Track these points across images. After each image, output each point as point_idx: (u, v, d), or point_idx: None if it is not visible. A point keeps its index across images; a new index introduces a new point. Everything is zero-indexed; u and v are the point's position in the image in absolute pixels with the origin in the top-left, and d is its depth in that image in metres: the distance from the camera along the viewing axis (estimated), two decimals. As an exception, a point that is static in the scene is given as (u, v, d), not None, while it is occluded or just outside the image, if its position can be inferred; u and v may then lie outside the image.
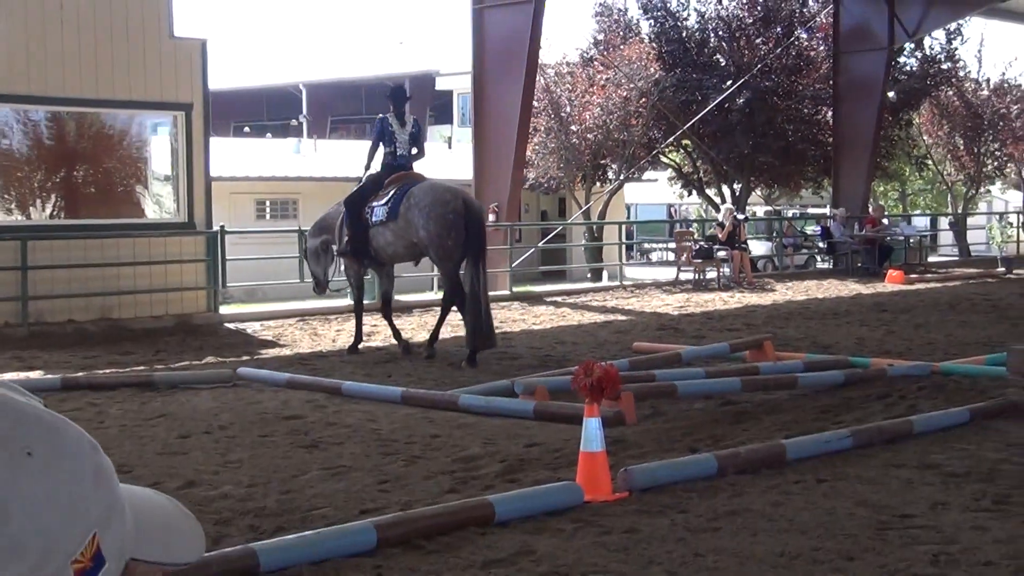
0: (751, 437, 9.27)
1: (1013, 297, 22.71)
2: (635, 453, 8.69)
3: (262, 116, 61.30)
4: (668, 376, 11.48)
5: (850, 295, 24.15)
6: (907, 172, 49.12)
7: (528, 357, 14.66)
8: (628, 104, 34.41)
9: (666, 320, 19.41)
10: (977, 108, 44.19)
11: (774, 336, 15.27)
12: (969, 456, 8.45)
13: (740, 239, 28.18)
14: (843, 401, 10.97)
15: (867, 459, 8.37)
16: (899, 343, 15.73)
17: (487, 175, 25.46)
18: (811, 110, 38.60)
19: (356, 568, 6.01)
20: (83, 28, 17.39)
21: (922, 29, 35.16)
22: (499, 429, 9.67)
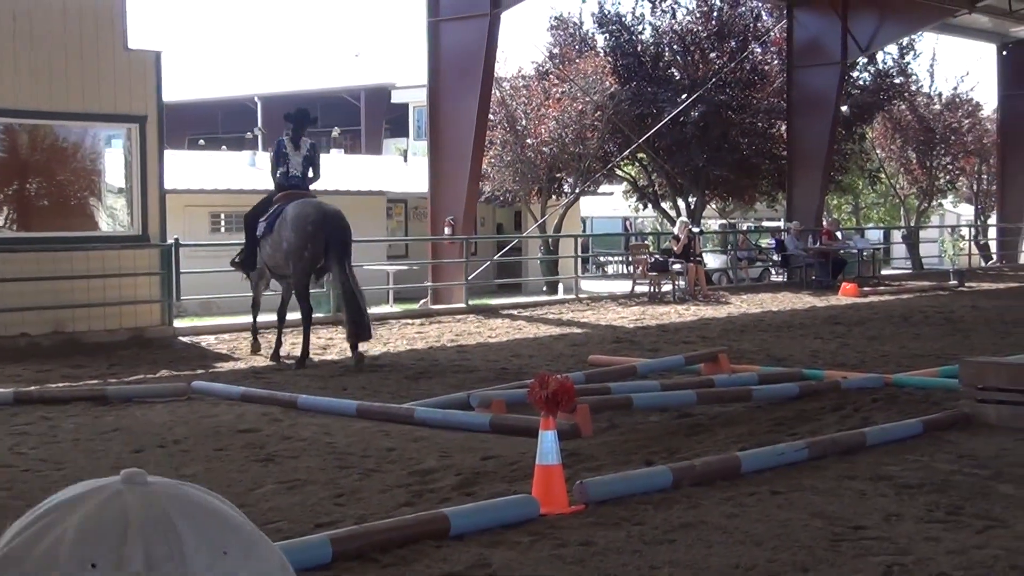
0: (706, 449, 9.30)
1: (965, 310, 22.89)
2: (591, 466, 8.70)
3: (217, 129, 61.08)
4: (624, 389, 11.51)
5: (804, 308, 24.27)
6: (860, 185, 49.44)
7: (484, 370, 14.66)
8: (583, 117, 34.48)
9: (622, 333, 19.45)
10: (929, 122, 44.58)
11: (729, 349, 15.35)
12: (922, 467, 8.51)
13: (695, 252, 28.29)
14: (797, 413, 11.02)
15: (821, 471, 8.41)
16: (853, 355, 15.83)
17: (443, 188, 25.45)
18: (765, 124, 38.80)
19: (311, 582, 5.99)
20: (36, 40, 17.27)
21: (875, 44, 35.41)
22: (455, 442, 9.66)
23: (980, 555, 6.27)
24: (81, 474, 8.56)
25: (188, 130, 58.52)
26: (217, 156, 45.52)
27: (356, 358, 15.08)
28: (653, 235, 40.56)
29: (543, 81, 36.16)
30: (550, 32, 39.00)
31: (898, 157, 46.02)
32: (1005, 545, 6.44)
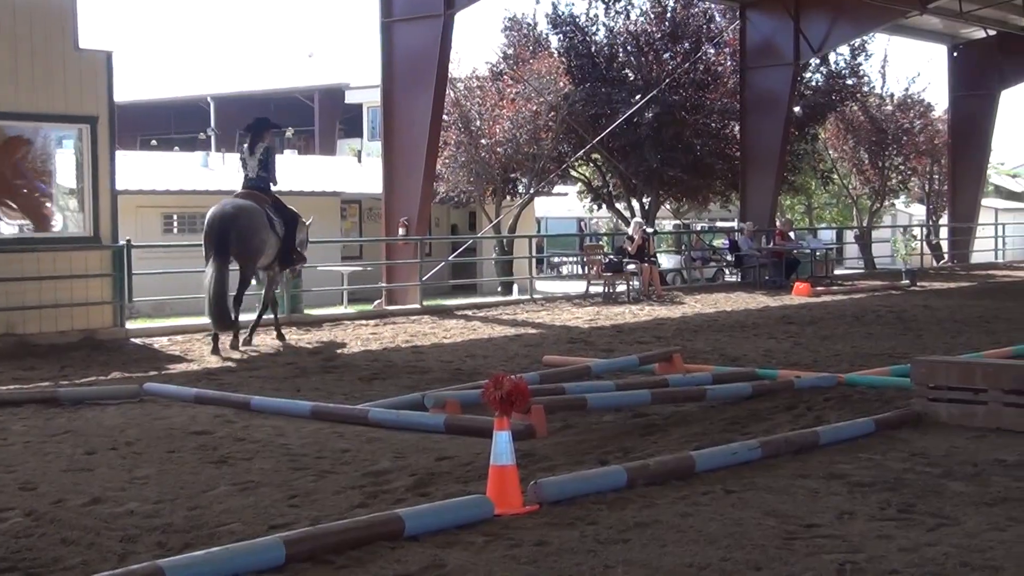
0: (660, 449, 9.33)
1: (917, 309, 23.05)
2: (545, 466, 8.71)
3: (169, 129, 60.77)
4: (578, 389, 11.52)
5: (758, 308, 24.38)
6: (813, 186, 49.71)
7: (439, 371, 14.64)
8: (538, 118, 34.54)
9: (576, 333, 19.48)
10: (881, 123, 44.91)
11: (683, 349, 15.39)
12: (874, 466, 8.56)
13: (649, 252, 28.37)
14: (751, 413, 11.07)
15: (775, 470, 8.45)
16: (806, 355, 15.91)
17: (397, 189, 25.42)
18: (719, 124, 38.96)
19: (265, 584, 5.96)
20: (-14, 40, 17.12)
21: (827, 45, 35.61)
22: (409, 443, 9.64)
23: (932, 552, 6.31)
24: (32, 476, 8.50)
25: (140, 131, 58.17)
26: (169, 157, 45.28)
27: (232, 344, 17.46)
28: (607, 236, 40.63)
29: (497, 82, 36.21)
30: (504, 33, 39.09)
31: (850, 157, 46.31)
32: (956, 543, 6.49)
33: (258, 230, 17.46)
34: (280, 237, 17.94)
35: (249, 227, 17.32)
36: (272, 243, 17.79)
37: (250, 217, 17.39)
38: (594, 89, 36.87)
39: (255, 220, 17.45)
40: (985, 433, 9.81)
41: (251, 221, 17.37)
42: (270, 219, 17.72)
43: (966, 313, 21.86)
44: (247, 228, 17.28)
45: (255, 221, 17.44)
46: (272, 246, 17.82)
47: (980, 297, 26.49)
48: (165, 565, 5.84)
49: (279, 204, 18.34)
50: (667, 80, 36.32)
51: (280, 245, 18.00)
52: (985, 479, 8.09)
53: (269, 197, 18.13)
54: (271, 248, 17.83)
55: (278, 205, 18.28)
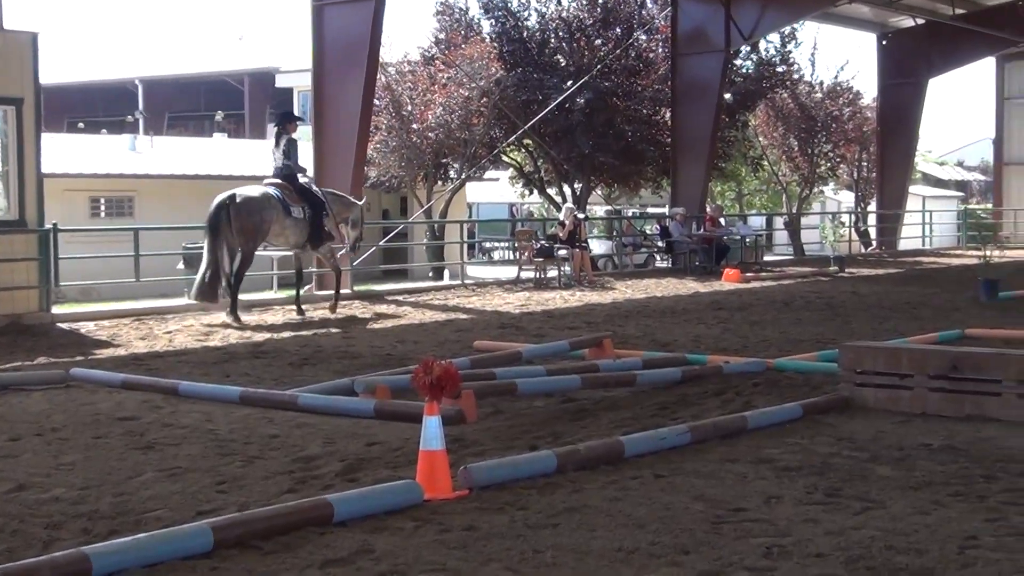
0: (590, 434, 9.36)
1: (845, 295, 23.26)
2: (475, 451, 8.72)
3: (97, 112, 60.13)
4: (509, 374, 11.53)
5: (688, 293, 24.51)
6: (743, 173, 49.98)
7: (369, 356, 14.61)
8: (469, 103, 34.47)
9: (507, 319, 19.50)
10: (811, 110, 45.20)
11: (614, 334, 15.45)
12: (802, 450, 8.64)
13: (581, 238, 28.43)
14: (680, 398, 11.13)
15: (703, 454, 8.51)
16: (735, 340, 16.01)
17: (328, 173, 25.28)
18: (650, 111, 39.03)
19: (191, 571, 5.92)
20: (-92, 19, 16.87)
21: (757, 32, 35.76)
22: (339, 428, 9.62)
23: (857, 536, 6.37)
24: (-45, 463, 8.39)
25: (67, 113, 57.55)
26: (97, 139, 44.82)
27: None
28: (539, 221, 40.67)
29: (429, 67, 36.11)
30: (436, 17, 38.94)
31: (780, 144, 46.58)
32: (882, 526, 6.56)
33: (255, 212, 18.87)
34: (304, 219, 19.60)
35: (244, 209, 18.75)
36: (288, 225, 19.37)
37: (247, 200, 18.89)
38: (526, 75, 36.87)
39: (252, 203, 18.90)
40: (911, 418, 9.93)
41: (247, 204, 18.84)
42: (284, 204, 19.27)
43: (893, 299, 22.09)
44: (241, 210, 18.72)
45: (252, 204, 18.90)
46: (289, 227, 19.42)
47: (907, 283, 26.78)
48: (91, 552, 5.79)
49: (305, 190, 19.95)
50: (599, 66, 36.36)
51: (308, 227, 19.68)
52: (910, 463, 8.18)
53: (292, 184, 19.67)
54: (287, 229, 19.44)
55: (304, 191, 19.90)
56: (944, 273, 31.00)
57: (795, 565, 5.91)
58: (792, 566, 5.89)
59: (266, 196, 19.22)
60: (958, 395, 10.04)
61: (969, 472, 7.90)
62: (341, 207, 20.81)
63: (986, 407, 9.88)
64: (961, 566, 5.85)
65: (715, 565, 5.92)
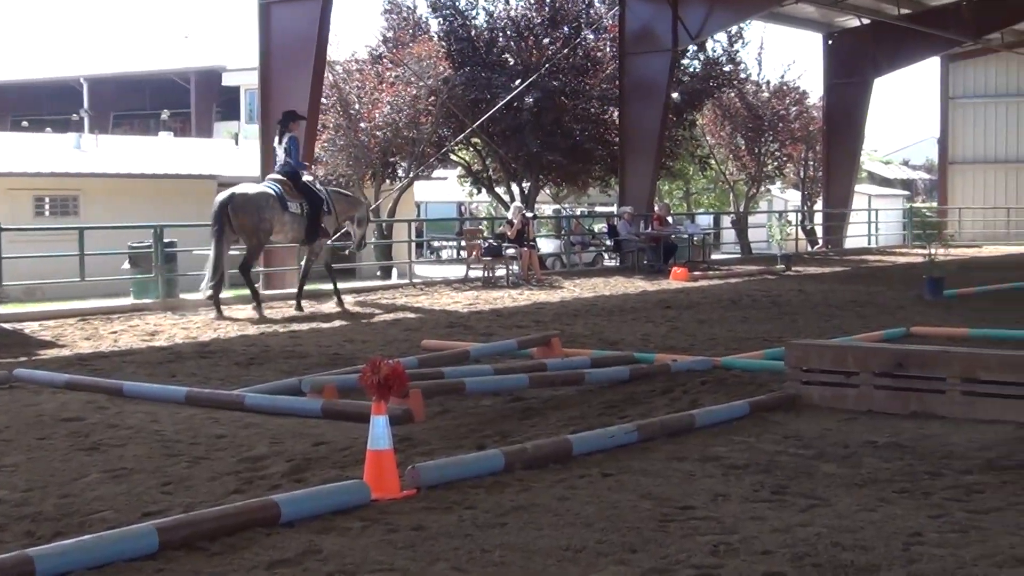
0: (538, 433, 9.37)
1: (791, 294, 23.39)
2: (423, 450, 8.71)
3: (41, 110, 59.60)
4: (457, 373, 11.52)
5: (636, 292, 24.57)
6: (691, 171, 50.17)
7: (316, 355, 14.56)
8: (417, 102, 34.40)
9: (455, 318, 19.48)
10: (757, 109, 45.40)
11: (562, 333, 15.46)
12: (749, 448, 8.68)
13: (529, 237, 28.45)
14: (628, 396, 11.16)
15: (651, 453, 8.53)
16: (683, 339, 16.06)
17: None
18: (598, 110, 39.10)
19: (137, 572, 5.88)
20: None
21: (704, 32, 35.90)
22: (286, 428, 9.58)
23: (804, 533, 6.41)
24: None
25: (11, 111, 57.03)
26: (41, 138, 44.43)
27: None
28: (487, 220, 40.65)
29: (376, 65, 36.00)
30: (384, 16, 38.85)
31: (727, 144, 46.79)
32: (827, 523, 6.60)
33: (252, 210, 19.70)
34: (302, 215, 20.30)
35: (241, 207, 19.66)
36: (286, 220, 20.11)
37: (244, 199, 19.79)
38: (474, 74, 36.85)
39: (249, 201, 19.77)
40: (856, 415, 10.00)
41: (244, 202, 19.74)
42: (281, 200, 19.96)
43: (839, 297, 22.23)
44: (238, 208, 19.65)
45: (249, 202, 19.76)
46: (287, 222, 20.16)
47: (853, 282, 26.96)
48: (35, 554, 5.74)
49: (306, 188, 20.58)
50: (547, 65, 36.37)
51: (306, 223, 20.37)
52: (856, 461, 8.23)
53: (293, 181, 20.31)
54: (286, 224, 20.18)
55: (305, 188, 20.54)
56: (889, 271, 31.24)
57: (741, 563, 5.93)
58: (739, 564, 5.92)
59: (263, 194, 19.98)
60: (903, 393, 10.12)
61: (914, 469, 7.97)
62: (346, 205, 21.74)
63: (931, 404, 9.96)
64: (906, 562, 5.90)
65: (662, 563, 5.94)
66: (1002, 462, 8.14)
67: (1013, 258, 35.99)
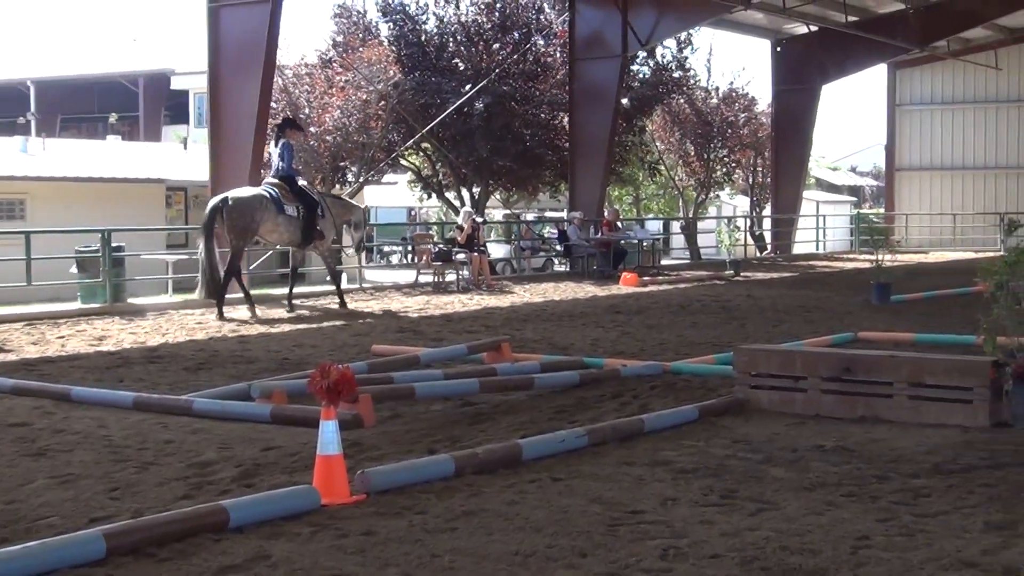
0: (489, 438, 9.37)
1: (740, 299, 23.49)
2: (373, 455, 8.69)
3: (-13, 114, 59.00)
4: (406, 378, 11.51)
5: (586, 297, 24.62)
6: (641, 177, 50.25)
7: (265, 360, 14.50)
8: (367, 107, 34.34)
9: (405, 322, 19.45)
10: (707, 116, 45.57)
11: (512, 338, 15.47)
12: (698, 452, 8.71)
13: (479, 242, 28.44)
14: (578, 401, 11.18)
15: (601, 457, 8.55)
16: (632, 344, 16.10)
17: (224, 177, 25.03)
18: (548, 115, 39.15)
19: (84, 578, 5.84)
20: None
21: (654, 38, 36.01)
22: (235, 433, 9.54)
23: (752, 537, 6.44)
24: None
25: (-43, 114, 56.44)
26: (-12, 141, 43.96)
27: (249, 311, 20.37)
28: (437, 225, 40.62)
29: (326, 69, 35.90)
30: (333, 20, 38.77)
31: (677, 149, 46.93)
32: (776, 527, 6.64)
33: (246, 213, 20.15)
34: (298, 218, 20.85)
35: (235, 210, 20.07)
36: (281, 222, 20.64)
37: (239, 202, 20.20)
38: (424, 78, 36.82)
39: (243, 204, 20.18)
40: (804, 420, 10.07)
41: (239, 205, 20.16)
42: (277, 203, 20.53)
43: (787, 303, 22.34)
44: (233, 211, 20.06)
45: (244, 205, 20.18)
46: (282, 224, 20.68)
47: (801, 287, 27.11)
48: (-20, 560, 5.69)
49: (301, 192, 21.19)
50: (497, 70, 36.41)
51: (302, 226, 20.92)
52: (804, 464, 8.29)
53: (289, 185, 20.90)
54: (280, 227, 20.69)
55: (300, 192, 21.15)
56: (837, 277, 31.42)
57: (691, 567, 5.96)
58: (688, 567, 5.94)
59: (258, 197, 20.49)
60: (851, 397, 10.19)
61: (862, 473, 8.02)
62: (341, 209, 22.40)
63: (878, 409, 10.04)
64: (854, 566, 5.94)
65: (612, 567, 5.95)
66: (948, 466, 8.21)
67: (959, 264, 36.28)
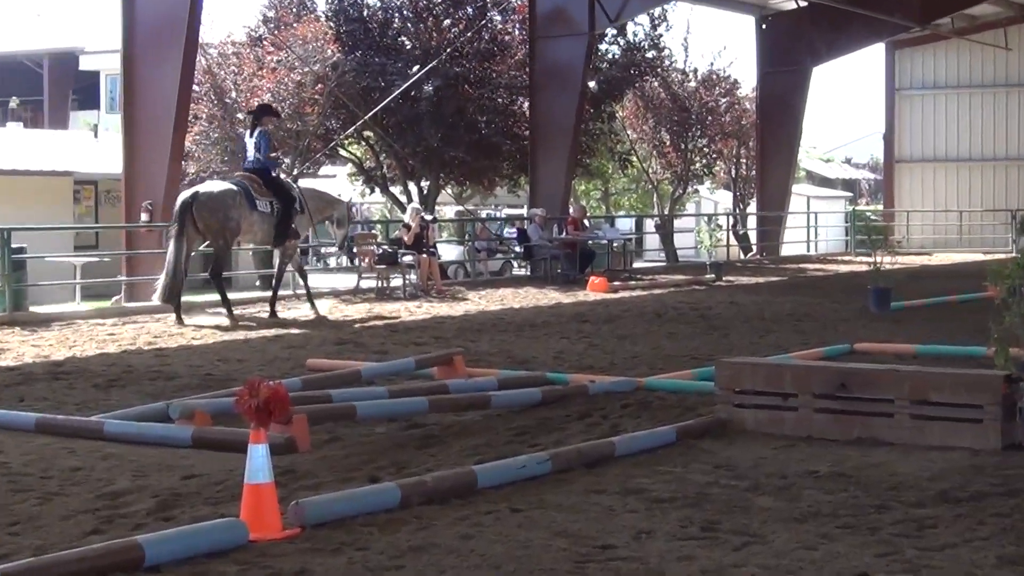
0: (439, 463, 9.35)
1: (723, 306, 23.56)
2: (309, 484, 8.65)
3: None
4: (347, 396, 11.48)
5: (549, 304, 24.64)
6: (610, 169, 50.34)
7: (186, 376, 14.44)
8: (302, 90, 34.28)
9: (345, 333, 19.42)
10: (684, 101, 45.60)
11: (465, 351, 15.45)
12: (675, 479, 8.71)
13: (428, 243, 28.43)
14: (540, 422, 11.17)
15: (566, 485, 8.53)
16: (601, 357, 16.12)
17: (139, 168, 24.96)
18: (506, 100, 39.18)
19: (-21, 625, 5.79)
20: None
21: (624, 14, 36.04)
22: (152, 460, 9.48)
23: (737, 574, 6.44)
24: None
25: None
26: None
27: None
28: (381, 223, 40.59)
29: (256, 48, 35.83)
30: (264, -8, 38.69)
31: (651, 138, 46.94)
32: (763, 562, 6.63)
33: (218, 209, 20.49)
34: (271, 214, 21.22)
35: (206, 207, 20.46)
36: (254, 220, 21.03)
37: (209, 198, 20.59)
38: (366, 58, 36.76)
39: (214, 201, 20.54)
40: (795, 442, 10.08)
41: (209, 201, 20.53)
42: (249, 197, 20.81)
43: (775, 310, 22.43)
44: (203, 208, 20.44)
45: (215, 201, 20.54)
46: (256, 222, 21.08)
47: (790, 293, 27.21)
48: None
49: (276, 183, 21.62)
50: (448, 50, 36.36)
51: (275, 223, 21.28)
52: (795, 492, 8.29)
53: (262, 177, 21.25)
54: (254, 224, 21.12)
55: (274, 184, 21.53)
56: (831, 281, 31.59)
57: (668, 608, 5.95)
58: (665, 609, 5.93)
59: (228, 191, 20.84)
60: (846, 416, 10.21)
61: (859, 502, 8.04)
62: (321, 204, 23.01)
63: (877, 429, 10.06)
64: (851, 606, 5.94)
65: (579, 609, 5.93)
66: (956, 493, 8.23)
67: (966, 266, 36.53)
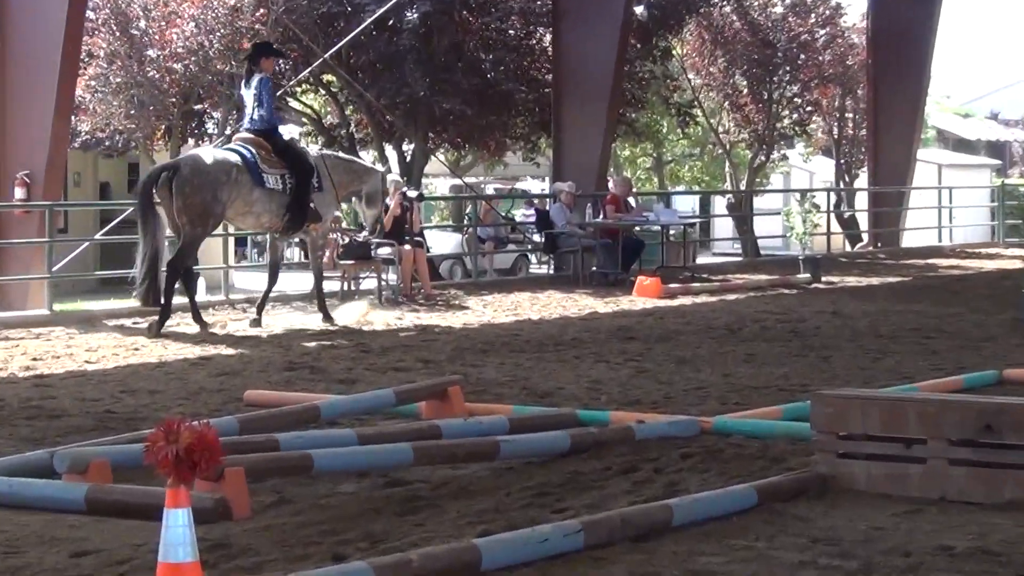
0: (429, 535, 9.34)
1: (822, 318, 23.53)
2: (248, 564, 8.66)
3: None
4: (300, 442, 11.48)
5: (580, 315, 24.64)
6: (665, 128, 50.38)
7: (79, 415, 14.44)
8: (237, 17, 34.30)
9: (298, 355, 19.42)
10: (767, 32, 45.59)
11: (465, 379, 15.45)
12: (757, 558, 8.69)
13: (413, 229, 28.39)
14: (569, 477, 11.16)
15: (605, 566, 8.53)
16: (654, 388, 16.11)
17: (11, 127, 25.04)
18: (520, 32, 39.20)
19: None
20: None
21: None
22: (30, 529, 9.50)
23: None
24: None
25: None
26: None
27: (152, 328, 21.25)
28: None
29: (174, -41, 35.89)
30: None
31: (721, 85, 46.96)
32: (880, 674, 6.63)
33: (204, 187, 20.92)
34: (283, 191, 21.72)
35: (188, 183, 20.88)
36: (256, 199, 21.50)
37: (195, 171, 21.02)
38: (327, -27, 36.85)
39: (201, 175, 21.00)
40: (922, 506, 10.05)
41: (195, 176, 20.96)
42: (254, 171, 21.34)
43: (894, 324, 22.41)
44: (185, 184, 20.86)
45: (201, 176, 20.99)
46: (258, 201, 21.57)
47: (915, 299, 27.21)
48: None
49: (290, 150, 22.32)
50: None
51: (290, 202, 21.74)
52: (923, 576, 8.28)
53: (271, 142, 21.84)
54: (255, 206, 21.66)
55: (288, 151, 22.14)
56: (972, 283, 31.56)
57: None
58: None
59: (223, 165, 21.26)
60: (995, 471, 10.18)
61: (1012, 589, 8.03)
62: (348, 176, 23.39)
63: (1037, 489, 10.05)
64: None
65: None
66: None
67: None
